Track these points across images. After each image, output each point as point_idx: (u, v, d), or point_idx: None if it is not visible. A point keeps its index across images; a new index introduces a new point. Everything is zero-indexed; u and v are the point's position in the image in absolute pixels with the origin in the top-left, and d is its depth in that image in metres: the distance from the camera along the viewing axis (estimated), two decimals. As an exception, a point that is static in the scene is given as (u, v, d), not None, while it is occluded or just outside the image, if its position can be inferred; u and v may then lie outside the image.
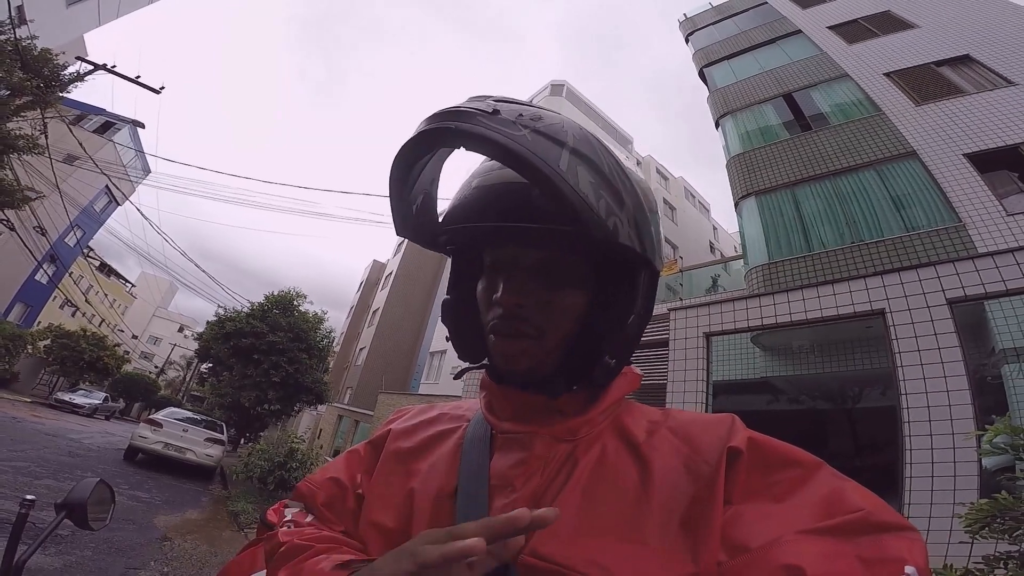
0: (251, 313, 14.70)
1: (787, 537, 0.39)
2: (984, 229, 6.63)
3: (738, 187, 9.95)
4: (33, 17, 13.53)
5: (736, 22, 15.02)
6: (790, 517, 0.41)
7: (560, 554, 0.44)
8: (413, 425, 0.68)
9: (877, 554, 0.37)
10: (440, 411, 0.70)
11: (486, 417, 0.61)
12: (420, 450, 0.63)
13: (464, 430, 0.62)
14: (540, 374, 0.55)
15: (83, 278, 29.55)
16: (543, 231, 0.50)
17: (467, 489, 0.53)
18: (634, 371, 0.62)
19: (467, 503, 0.52)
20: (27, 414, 14.78)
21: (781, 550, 0.38)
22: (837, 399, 6.33)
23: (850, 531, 0.39)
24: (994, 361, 4.65)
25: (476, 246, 0.62)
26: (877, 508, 0.41)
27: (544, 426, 0.56)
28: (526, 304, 0.54)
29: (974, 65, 9.01)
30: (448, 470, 0.57)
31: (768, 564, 0.38)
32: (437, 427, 0.66)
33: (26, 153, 10.94)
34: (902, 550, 0.38)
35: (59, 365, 25.34)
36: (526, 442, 0.55)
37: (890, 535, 0.39)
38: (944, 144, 7.84)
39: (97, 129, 26.75)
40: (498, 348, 0.56)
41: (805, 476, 0.45)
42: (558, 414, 0.56)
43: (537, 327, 0.54)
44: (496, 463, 0.55)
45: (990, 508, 2.02)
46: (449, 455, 0.60)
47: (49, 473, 6.98)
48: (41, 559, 3.83)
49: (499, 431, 0.58)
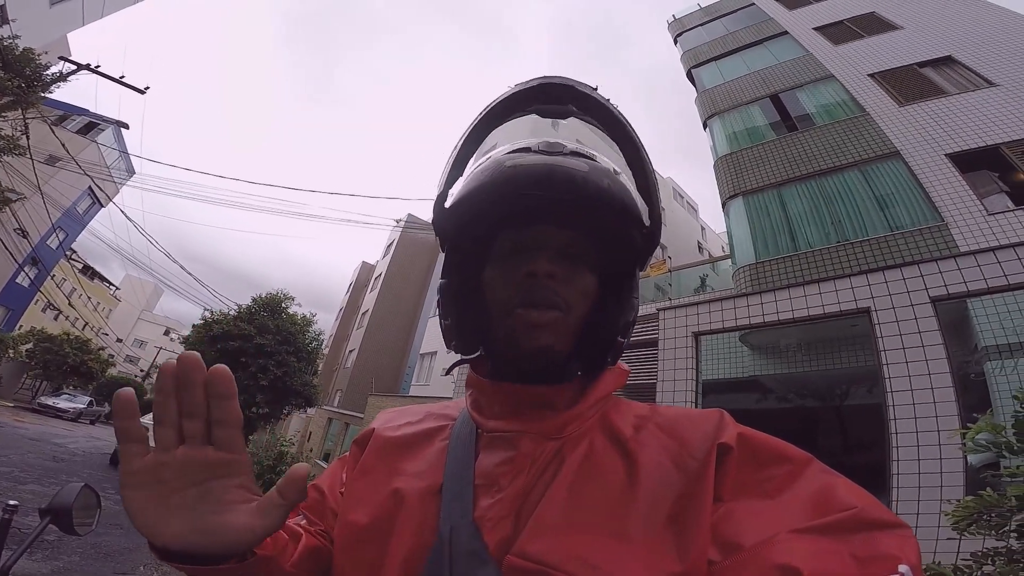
0: (238, 316, 14.50)
1: (781, 536, 0.39)
2: (966, 228, 6.73)
3: (725, 188, 10.03)
4: (15, 16, 13.33)
5: (724, 23, 15.13)
6: (783, 514, 0.41)
7: (547, 553, 0.43)
8: (397, 425, 0.67)
9: (871, 552, 0.37)
10: (426, 411, 0.69)
11: (472, 416, 0.61)
12: (404, 449, 0.62)
13: (450, 429, 0.62)
14: (557, 352, 0.55)
15: (66, 280, 29.00)
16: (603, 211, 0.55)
17: (452, 488, 0.52)
18: (621, 367, 0.63)
19: (451, 502, 0.51)
20: (10, 419, 14.58)
21: (775, 549, 0.38)
22: (825, 397, 6.39)
23: (843, 529, 0.39)
24: (977, 358, 4.72)
25: (492, 228, 0.60)
26: (869, 505, 0.41)
27: (533, 423, 0.55)
28: (558, 275, 0.55)
29: (956, 66, 9.17)
30: (433, 469, 0.56)
31: (763, 564, 0.37)
32: (422, 426, 0.65)
33: (7, 154, 10.74)
34: (895, 548, 0.37)
35: (42, 369, 24.89)
36: (513, 441, 0.55)
37: (883, 533, 0.39)
38: (927, 144, 7.96)
39: (80, 130, 26.27)
40: (524, 319, 0.54)
41: (796, 472, 0.45)
42: (549, 409, 0.56)
43: (565, 301, 0.55)
44: (482, 462, 0.55)
45: (976, 505, 2.02)
46: (434, 454, 0.59)
47: (33, 478, 6.88)
48: (29, 565, 3.78)
49: (486, 430, 0.58)
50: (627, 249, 0.60)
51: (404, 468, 0.59)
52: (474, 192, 0.56)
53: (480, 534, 0.47)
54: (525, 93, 0.59)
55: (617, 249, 0.59)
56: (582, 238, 0.58)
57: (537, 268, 0.54)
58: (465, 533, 0.47)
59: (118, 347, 37.48)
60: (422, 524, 0.51)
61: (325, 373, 26.14)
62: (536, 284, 0.55)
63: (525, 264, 0.56)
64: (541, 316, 0.54)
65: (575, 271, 0.57)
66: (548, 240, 0.57)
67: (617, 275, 0.61)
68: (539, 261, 0.55)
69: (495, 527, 0.48)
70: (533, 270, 0.55)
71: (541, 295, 0.54)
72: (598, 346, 0.58)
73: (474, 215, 0.58)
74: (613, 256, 0.60)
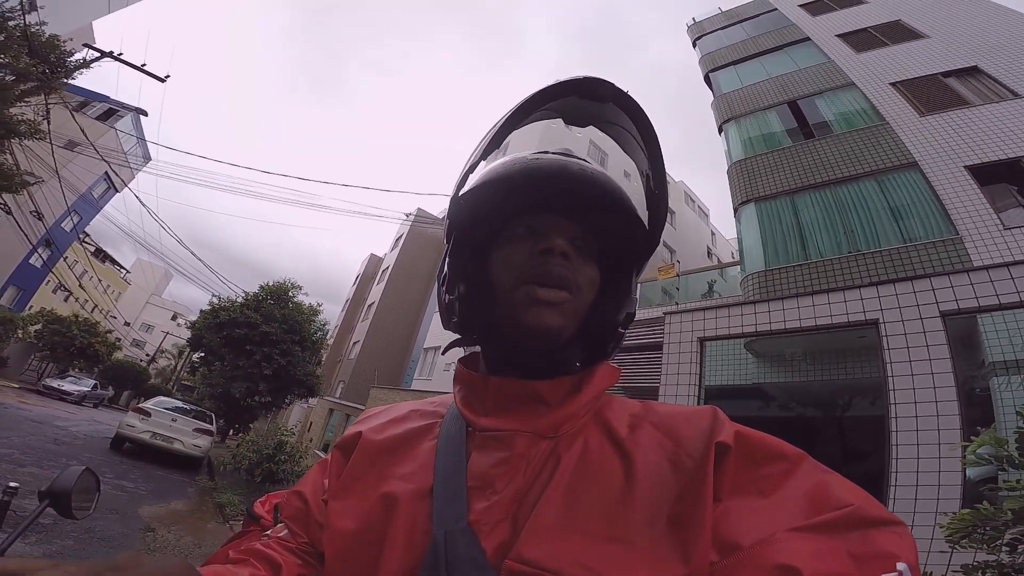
0: (245, 303, 14.65)
1: (779, 535, 0.38)
2: (981, 242, 6.59)
3: (738, 193, 9.92)
4: (43, 3, 13.55)
5: (744, 28, 14.98)
6: (779, 513, 0.41)
7: (547, 558, 0.42)
8: (382, 425, 0.66)
9: (868, 550, 0.37)
10: (410, 409, 0.68)
11: (462, 413, 0.59)
12: (390, 451, 0.60)
13: (437, 428, 0.60)
14: (564, 338, 0.55)
15: (77, 263, 29.46)
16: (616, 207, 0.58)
17: (444, 491, 0.51)
18: (612, 365, 0.62)
19: (445, 505, 0.49)
20: (14, 400, 14.70)
21: (774, 549, 0.37)
22: (827, 407, 6.32)
23: (841, 527, 0.38)
24: (983, 373, 4.63)
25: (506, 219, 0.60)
26: (865, 503, 0.40)
27: (527, 420, 0.54)
28: (572, 256, 0.56)
29: (982, 76, 8.95)
30: (423, 471, 0.55)
31: (762, 563, 0.37)
32: (407, 426, 0.63)
33: (28, 138, 10.91)
34: (893, 546, 0.37)
35: (49, 351, 25.11)
36: (507, 440, 0.53)
37: (880, 530, 0.38)
38: (946, 156, 7.79)
39: (100, 116, 26.77)
40: (534, 295, 0.54)
41: (790, 469, 0.44)
42: (543, 404, 0.55)
43: (576, 283, 0.56)
44: (475, 463, 0.53)
45: (972, 518, 2.06)
46: (423, 455, 0.57)
47: (34, 461, 6.95)
48: (22, 548, 3.81)
49: (477, 428, 0.56)
50: (629, 249, 0.61)
51: (392, 471, 0.57)
52: (492, 182, 0.58)
53: (477, 539, 0.46)
54: (565, 84, 0.59)
55: (620, 248, 0.61)
56: (589, 233, 0.59)
57: (554, 245, 0.55)
58: (461, 538, 0.46)
59: (125, 331, 37.96)
60: (414, 529, 0.49)
61: (328, 364, 26.31)
62: (550, 261, 0.55)
63: (540, 243, 0.56)
64: (550, 294, 0.54)
65: (583, 260, 0.58)
66: (560, 228, 0.58)
67: (617, 274, 0.62)
68: (555, 240, 0.55)
69: (492, 531, 0.46)
70: (549, 247, 0.55)
71: (556, 272, 0.54)
72: (600, 335, 0.58)
73: (491, 206, 0.59)
74: (616, 254, 0.62)
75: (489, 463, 0.52)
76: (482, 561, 0.44)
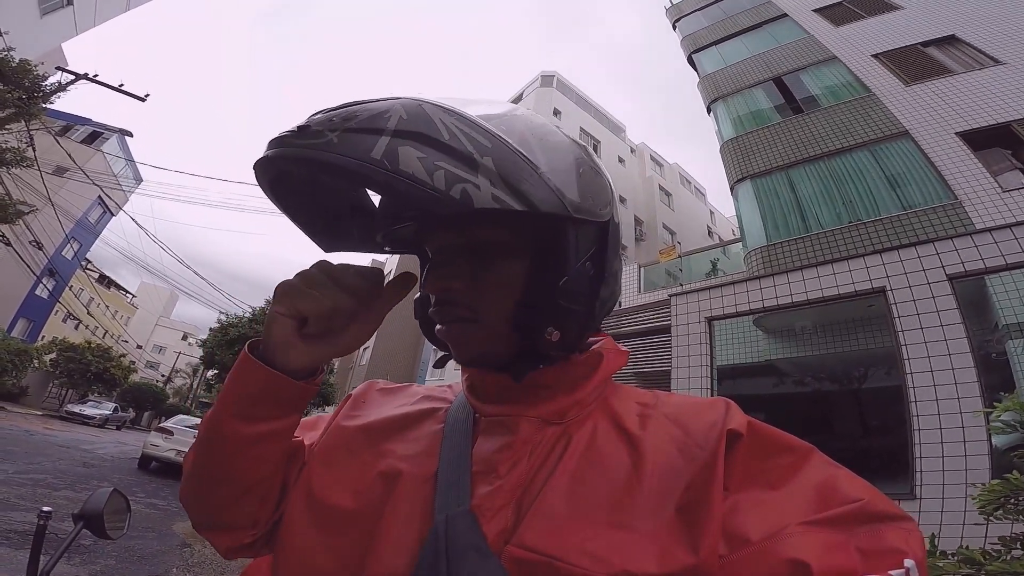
0: (253, 318, 14.66)
1: (788, 529, 0.38)
2: (981, 206, 6.68)
3: (733, 171, 9.99)
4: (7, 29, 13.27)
5: (721, 7, 14.97)
6: (788, 506, 0.40)
7: (549, 544, 0.42)
8: (395, 402, 0.64)
9: (876, 545, 0.37)
10: (424, 392, 0.65)
11: (468, 399, 0.57)
12: (396, 430, 0.58)
13: (445, 412, 0.59)
14: (498, 357, 0.51)
15: (83, 291, 29.45)
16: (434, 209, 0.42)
17: (448, 475, 0.50)
18: (619, 348, 0.59)
19: (447, 489, 0.48)
20: (40, 427, 14.82)
21: (784, 543, 0.37)
22: (842, 380, 6.36)
23: (849, 522, 0.38)
24: (998, 337, 4.70)
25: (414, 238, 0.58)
26: (874, 498, 0.40)
27: (530, 405, 0.53)
28: (455, 287, 0.51)
29: (960, 45, 9.07)
30: (427, 454, 0.53)
31: (771, 558, 0.37)
32: (417, 407, 0.61)
33: (15, 166, 10.79)
34: (901, 542, 0.37)
35: (67, 378, 25.68)
36: (511, 425, 0.52)
37: (888, 526, 0.39)
38: (936, 123, 7.89)
39: (84, 139, 26.28)
40: (442, 336, 0.54)
41: (799, 462, 0.44)
42: (544, 389, 0.53)
43: (472, 309, 0.50)
44: (479, 448, 0.51)
45: (1003, 488, 1.98)
46: (428, 438, 0.56)
47: (67, 484, 6.99)
48: (67, 569, 3.86)
49: (483, 414, 0.55)
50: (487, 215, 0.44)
51: (394, 450, 0.56)
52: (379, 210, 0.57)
53: (478, 524, 0.45)
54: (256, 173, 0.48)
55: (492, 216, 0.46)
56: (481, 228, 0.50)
57: (429, 288, 0.53)
58: (462, 523, 0.45)
59: (139, 353, 38.00)
60: (415, 512, 0.48)
61: (341, 372, 26.31)
62: (436, 301, 0.53)
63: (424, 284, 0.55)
64: (450, 334, 0.53)
65: (482, 268, 0.51)
66: (446, 239, 0.53)
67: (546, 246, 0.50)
68: (429, 279, 0.52)
69: (494, 517, 0.45)
70: (427, 289, 0.54)
71: (442, 312, 0.53)
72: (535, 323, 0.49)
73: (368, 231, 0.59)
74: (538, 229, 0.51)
75: (492, 447, 0.51)
76: (483, 546, 0.43)
